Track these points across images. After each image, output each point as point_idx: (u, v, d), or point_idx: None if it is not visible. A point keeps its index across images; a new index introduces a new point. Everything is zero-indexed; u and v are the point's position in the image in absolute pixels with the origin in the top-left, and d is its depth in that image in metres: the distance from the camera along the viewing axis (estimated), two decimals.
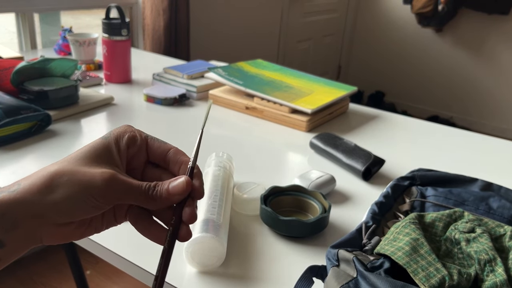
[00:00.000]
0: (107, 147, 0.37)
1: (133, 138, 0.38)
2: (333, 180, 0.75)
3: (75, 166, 0.34)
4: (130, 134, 0.38)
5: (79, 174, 0.34)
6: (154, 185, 0.36)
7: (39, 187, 0.33)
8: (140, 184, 0.36)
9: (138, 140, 0.38)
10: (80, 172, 0.34)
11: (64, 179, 0.33)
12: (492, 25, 3.18)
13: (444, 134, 1.05)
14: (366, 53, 3.80)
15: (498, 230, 0.50)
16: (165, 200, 0.36)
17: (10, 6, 1.63)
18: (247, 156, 0.87)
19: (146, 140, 0.39)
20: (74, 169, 0.34)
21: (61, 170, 0.34)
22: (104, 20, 1.19)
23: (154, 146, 0.39)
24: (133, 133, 0.38)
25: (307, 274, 0.48)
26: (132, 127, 0.39)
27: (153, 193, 0.35)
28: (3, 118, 0.83)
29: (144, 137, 0.39)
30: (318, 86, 1.17)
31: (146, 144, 0.39)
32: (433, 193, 0.59)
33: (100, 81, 1.24)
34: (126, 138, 0.38)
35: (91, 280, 1.70)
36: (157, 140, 0.39)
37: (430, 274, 0.42)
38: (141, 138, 0.39)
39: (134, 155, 0.39)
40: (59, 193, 0.33)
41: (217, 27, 2.50)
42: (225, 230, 0.58)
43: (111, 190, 0.34)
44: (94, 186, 0.33)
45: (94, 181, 0.34)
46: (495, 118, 3.37)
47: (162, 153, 0.39)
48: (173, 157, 0.38)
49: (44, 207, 0.33)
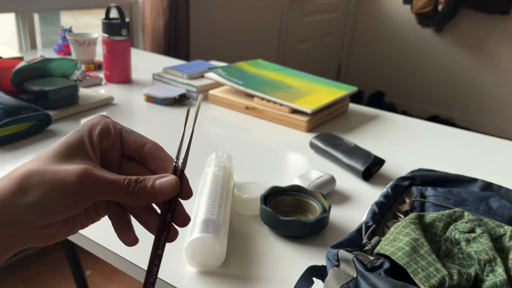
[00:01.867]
0: (80, 140, 0.34)
1: (106, 130, 0.36)
2: (333, 180, 0.75)
3: (46, 164, 0.32)
4: (103, 125, 0.36)
5: (50, 173, 0.31)
6: (135, 180, 0.33)
7: (10, 191, 0.31)
8: (118, 179, 0.33)
9: (112, 133, 0.36)
10: (51, 170, 0.32)
11: (35, 180, 0.31)
12: (492, 25, 3.18)
13: (444, 134, 1.05)
14: (366, 53, 3.80)
15: (498, 230, 0.50)
16: (148, 198, 0.33)
17: (10, 6, 1.63)
18: (247, 156, 0.87)
19: (120, 132, 0.36)
20: (45, 167, 0.32)
21: (31, 170, 0.32)
22: (104, 20, 1.19)
23: (129, 139, 0.36)
24: (106, 125, 0.36)
25: (307, 274, 0.48)
26: (106, 118, 0.37)
27: (134, 189, 0.33)
28: (3, 118, 0.83)
29: (119, 130, 0.36)
30: (318, 86, 1.17)
31: (121, 137, 0.36)
32: (433, 193, 0.59)
33: (100, 81, 1.24)
34: (98, 129, 0.35)
35: (91, 280, 1.70)
36: (132, 133, 0.37)
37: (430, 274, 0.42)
38: (115, 130, 0.36)
39: (108, 148, 0.36)
40: (31, 195, 0.31)
41: (217, 27, 2.50)
42: (225, 230, 0.58)
43: (86, 187, 0.32)
44: (67, 184, 0.31)
45: (66, 179, 0.31)
46: (495, 118, 3.37)
47: (138, 147, 0.36)
48: (149, 153, 0.36)
49: (18, 212, 0.31)
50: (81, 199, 0.32)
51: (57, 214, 0.32)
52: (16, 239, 0.32)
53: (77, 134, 0.35)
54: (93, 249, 0.61)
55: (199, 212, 0.59)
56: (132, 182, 0.33)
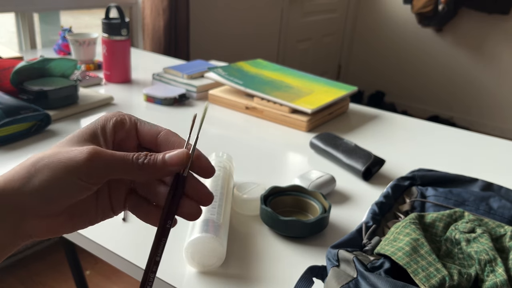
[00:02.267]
0: (92, 130, 0.35)
1: (121, 121, 0.36)
2: (333, 180, 0.75)
3: (57, 148, 0.33)
4: (118, 117, 0.36)
5: (59, 155, 0.31)
6: (144, 155, 0.33)
7: (21, 176, 0.31)
8: (127, 154, 0.33)
9: (127, 124, 0.36)
10: (61, 152, 0.32)
11: (44, 162, 0.31)
12: (492, 25, 3.18)
13: (444, 134, 1.05)
14: (366, 53, 3.80)
15: (499, 230, 0.50)
16: (159, 170, 0.33)
17: (9, 5, 1.63)
18: (247, 156, 0.87)
19: (135, 124, 0.37)
20: (55, 151, 0.32)
21: (43, 154, 0.32)
22: (103, 20, 1.19)
23: (144, 129, 0.37)
24: (122, 117, 0.36)
25: (307, 274, 0.48)
26: (122, 112, 0.37)
27: (145, 161, 0.33)
28: (3, 118, 0.83)
29: (134, 121, 0.37)
30: (318, 86, 1.16)
31: (136, 128, 0.37)
32: (433, 193, 0.59)
33: (99, 81, 1.24)
34: (113, 121, 0.36)
35: (91, 280, 1.70)
36: (147, 123, 0.37)
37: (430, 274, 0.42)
38: (130, 122, 0.37)
39: (124, 139, 0.37)
40: (39, 177, 0.31)
41: (217, 27, 2.50)
42: (225, 230, 0.58)
43: (95, 164, 0.31)
44: (76, 163, 0.31)
45: (75, 158, 0.31)
46: (495, 118, 3.37)
47: (153, 136, 0.36)
48: (164, 139, 0.36)
49: (24, 196, 0.31)
50: (92, 178, 0.32)
51: (65, 197, 0.32)
52: (20, 229, 0.31)
53: (91, 125, 0.36)
54: (93, 249, 0.61)
55: None
56: (142, 156, 0.33)
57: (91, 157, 0.31)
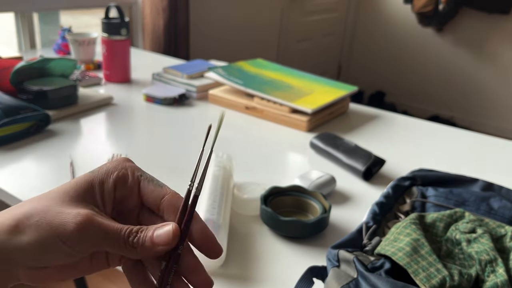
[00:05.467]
0: (90, 184, 0.32)
1: (123, 178, 0.33)
2: (333, 180, 0.74)
3: (51, 204, 0.31)
4: (120, 172, 0.33)
5: (51, 215, 0.30)
6: (137, 230, 0.31)
7: (8, 226, 0.30)
8: (120, 228, 0.30)
9: (129, 181, 0.33)
10: (52, 212, 0.30)
11: (34, 220, 0.30)
12: (493, 25, 3.18)
13: (444, 134, 1.04)
14: (366, 53, 3.80)
15: (499, 231, 0.50)
16: (148, 250, 0.30)
17: (9, 5, 1.63)
18: (247, 156, 0.87)
19: (138, 181, 0.33)
20: (48, 209, 0.30)
21: (34, 209, 0.30)
22: (103, 20, 1.19)
23: (148, 189, 0.33)
24: (124, 171, 0.33)
25: (308, 275, 0.48)
26: (127, 163, 0.34)
27: (134, 240, 0.30)
28: (2, 118, 0.82)
29: (137, 178, 0.33)
30: (318, 85, 1.16)
31: (139, 187, 0.33)
32: (433, 193, 0.59)
33: (99, 81, 1.24)
34: (114, 176, 0.33)
35: (90, 280, 1.70)
36: (152, 182, 0.33)
37: (431, 274, 0.42)
38: (133, 178, 0.33)
39: (125, 197, 0.33)
40: (27, 236, 0.29)
41: (217, 27, 2.50)
42: (225, 231, 0.58)
43: (85, 235, 0.30)
44: (65, 230, 0.29)
45: (65, 224, 0.29)
46: (496, 118, 3.36)
47: (156, 199, 0.33)
48: (167, 206, 0.33)
49: (12, 250, 0.29)
50: (78, 247, 0.30)
51: (52, 259, 0.30)
52: (9, 275, 0.31)
53: (89, 177, 0.33)
54: None
55: (199, 213, 0.59)
56: (134, 232, 0.31)
57: (81, 228, 0.29)
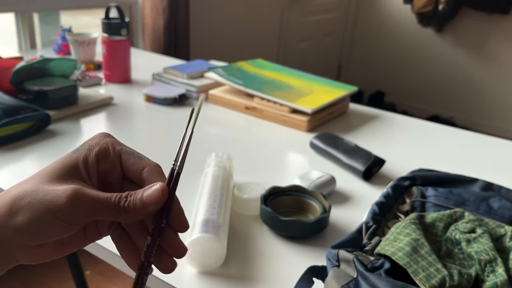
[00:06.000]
0: (75, 161, 0.34)
1: (105, 152, 0.35)
2: (333, 180, 0.74)
3: (39, 184, 0.32)
4: (102, 147, 0.35)
5: (41, 194, 0.31)
6: (126, 196, 0.32)
7: (2, 213, 0.31)
8: (109, 197, 0.32)
9: (110, 155, 0.35)
10: (42, 191, 0.31)
11: (26, 201, 0.31)
12: (492, 25, 3.18)
13: (444, 134, 1.05)
14: (366, 53, 3.80)
15: (499, 231, 0.50)
16: (139, 211, 0.32)
17: (9, 5, 1.63)
18: (247, 156, 0.87)
19: (119, 155, 0.35)
20: (37, 188, 0.32)
21: (24, 191, 0.32)
22: (103, 20, 1.19)
23: (128, 162, 0.35)
24: (105, 146, 0.35)
25: (307, 275, 0.48)
26: (107, 138, 0.36)
27: (125, 205, 0.32)
28: (2, 118, 0.83)
29: (118, 151, 0.35)
30: (318, 86, 1.16)
31: (120, 160, 0.35)
32: (433, 193, 0.59)
33: (99, 81, 1.24)
34: (96, 151, 0.34)
35: (91, 280, 1.70)
36: (132, 155, 0.35)
37: (430, 274, 0.42)
38: (114, 152, 0.35)
39: (108, 170, 0.35)
40: (22, 216, 0.31)
41: (217, 27, 2.50)
42: (225, 230, 0.58)
43: (77, 208, 0.31)
44: (57, 205, 0.31)
45: (56, 200, 0.31)
46: (495, 118, 3.36)
47: (137, 170, 0.35)
48: (147, 177, 0.34)
49: (8, 233, 0.31)
50: (73, 220, 0.31)
51: (48, 236, 0.32)
52: (8, 257, 0.32)
53: (74, 155, 0.34)
54: (93, 250, 0.61)
55: (199, 212, 0.59)
56: (123, 198, 0.32)
57: (72, 200, 0.31)
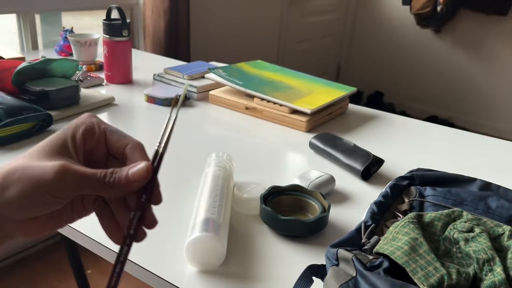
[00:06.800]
0: (63, 139, 0.36)
1: (91, 130, 0.37)
2: (332, 180, 0.75)
3: (29, 161, 0.34)
4: (88, 125, 0.37)
5: (30, 169, 0.33)
6: (111, 172, 0.34)
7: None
8: (95, 172, 0.34)
9: (96, 133, 0.37)
10: (32, 166, 0.33)
11: (16, 176, 0.32)
12: (491, 26, 3.18)
13: (443, 134, 1.05)
14: (365, 54, 3.80)
15: (497, 230, 0.50)
16: (124, 187, 0.34)
17: (11, 6, 1.63)
18: (247, 156, 0.87)
19: (104, 132, 0.37)
20: (27, 164, 0.33)
21: (13, 167, 0.33)
22: (105, 21, 1.20)
23: (113, 139, 0.37)
24: (91, 125, 0.37)
25: (307, 273, 0.49)
26: (93, 118, 0.38)
27: (110, 180, 0.34)
28: (4, 118, 0.83)
29: (103, 129, 0.37)
30: (317, 86, 1.17)
31: (105, 137, 0.37)
32: (432, 192, 0.59)
33: (101, 82, 1.24)
34: (82, 129, 0.36)
35: (92, 279, 1.70)
36: (116, 133, 0.37)
37: (429, 273, 0.43)
38: (100, 130, 0.37)
39: (94, 148, 0.37)
40: (12, 190, 0.32)
41: (217, 28, 2.50)
42: (225, 230, 0.58)
43: (64, 182, 0.33)
44: (46, 180, 0.32)
45: (45, 175, 0.32)
46: (493, 118, 3.37)
47: (120, 147, 0.37)
48: (129, 154, 0.36)
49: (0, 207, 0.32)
50: (61, 194, 0.33)
51: (39, 209, 0.33)
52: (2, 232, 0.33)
53: (62, 134, 0.36)
54: (94, 248, 0.62)
55: (199, 212, 0.59)
56: (109, 174, 0.34)
57: (60, 175, 0.32)
